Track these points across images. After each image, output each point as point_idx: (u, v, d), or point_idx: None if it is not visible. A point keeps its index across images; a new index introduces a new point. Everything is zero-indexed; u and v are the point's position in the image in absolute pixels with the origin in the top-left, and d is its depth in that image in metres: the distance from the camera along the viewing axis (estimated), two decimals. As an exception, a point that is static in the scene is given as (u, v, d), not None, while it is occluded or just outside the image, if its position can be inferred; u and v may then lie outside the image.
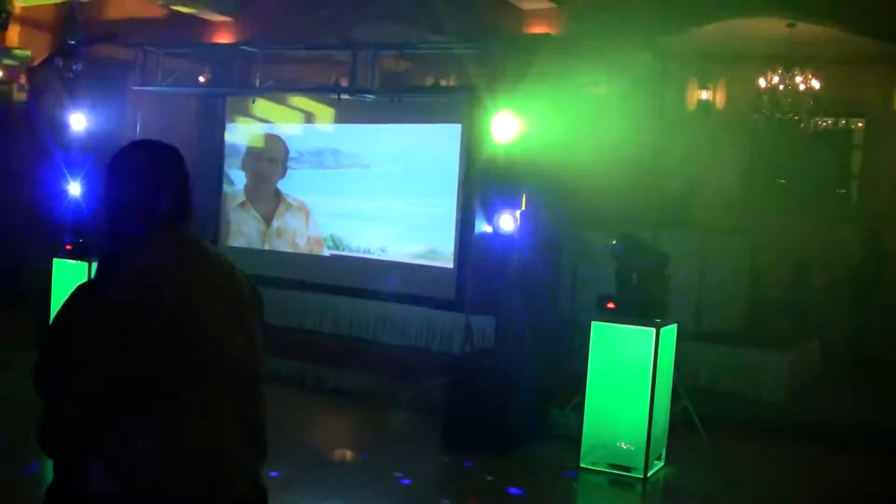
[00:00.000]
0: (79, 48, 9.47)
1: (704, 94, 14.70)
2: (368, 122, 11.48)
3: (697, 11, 11.52)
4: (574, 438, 8.09)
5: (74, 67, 9.49)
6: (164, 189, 2.76)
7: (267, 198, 12.34)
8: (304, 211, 12.03)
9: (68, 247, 10.03)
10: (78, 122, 10.49)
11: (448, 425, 8.57)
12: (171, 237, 2.76)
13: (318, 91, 11.93)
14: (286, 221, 12.15)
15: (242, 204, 12.52)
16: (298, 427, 8.82)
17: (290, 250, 12.19)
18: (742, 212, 13.84)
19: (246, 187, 12.49)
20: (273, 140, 12.21)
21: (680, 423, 8.33)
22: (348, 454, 8.64)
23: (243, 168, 12.48)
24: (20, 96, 14.04)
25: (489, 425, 8.30)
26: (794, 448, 9.02)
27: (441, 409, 8.79)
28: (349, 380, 10.34)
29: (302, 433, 8.72)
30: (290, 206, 12.12)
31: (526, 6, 11.73)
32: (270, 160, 12.27)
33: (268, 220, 12.28)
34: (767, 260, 12.21)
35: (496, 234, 9.23)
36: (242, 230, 12.38)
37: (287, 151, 12.06)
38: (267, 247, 12.19)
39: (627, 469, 7.81)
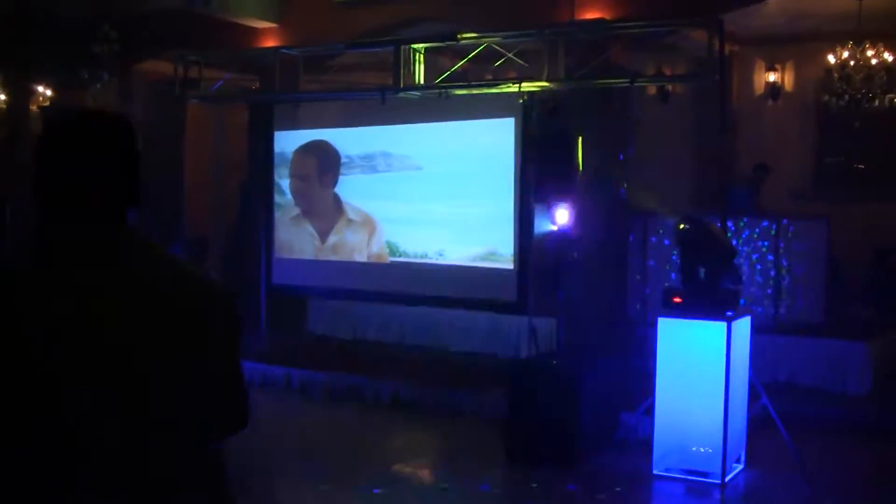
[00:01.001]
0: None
1: (772, 77, 14.22)
2: (418, 122, 11.08)
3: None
4: (646, 444, 7.66)
5: (101, 77, 9.29)
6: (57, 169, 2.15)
7: (323, 210, 11.82)
8: (370, 226, 11.44)
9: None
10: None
11: (512, 435, 8.16)
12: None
13: (362, 94, 11.60)
14: (345, 237, 11.60)
15: (296, 217, 12.03)
16: (362, 442, 8.54)
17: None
18: (816, 196, 13.25)
19: (298, 201, 12.04)
20: (323, 147, 11.81)
21: (759, 422, 7.85)
22: (411, 469, 8.28)
23: (293, 178, 12.05)
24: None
25: (556, 434, 7.88)
26: (885, 446, 8.42)
27: (505, 417, 8.39)
28: (411, 391, 10.01)
29: (365, 448, 8.43)
30: (350, 221, 11.54)
31: (578, -10, 11.28)
32: (321, 169, 11.86)
33: (323, 235, 11.75)
34: (845, 245, 11.61)
35: (556, 230, 8.88)
36: (294, 246, 11.95)
37: (338, 158, 11.65)
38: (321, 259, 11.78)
39: (704, 474, 7.36)
